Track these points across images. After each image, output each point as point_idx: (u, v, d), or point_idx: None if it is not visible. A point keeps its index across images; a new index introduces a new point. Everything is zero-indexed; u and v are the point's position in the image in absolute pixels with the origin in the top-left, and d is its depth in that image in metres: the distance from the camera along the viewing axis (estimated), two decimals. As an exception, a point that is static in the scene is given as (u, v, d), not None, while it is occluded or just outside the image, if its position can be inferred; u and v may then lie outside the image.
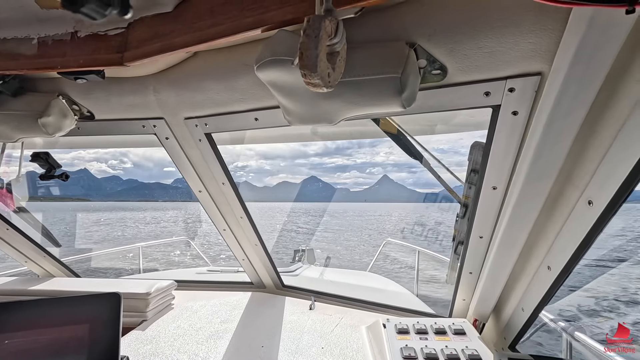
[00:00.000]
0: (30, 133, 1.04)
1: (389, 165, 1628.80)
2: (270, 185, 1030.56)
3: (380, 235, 30.34)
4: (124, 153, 47.84)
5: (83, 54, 0.92)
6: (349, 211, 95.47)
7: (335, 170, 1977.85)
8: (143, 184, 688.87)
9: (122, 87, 1.04)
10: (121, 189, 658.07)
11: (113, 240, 25.97)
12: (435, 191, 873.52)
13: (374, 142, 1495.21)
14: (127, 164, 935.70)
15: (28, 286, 1.70)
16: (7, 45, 0.94)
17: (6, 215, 1.60)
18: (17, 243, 1.75)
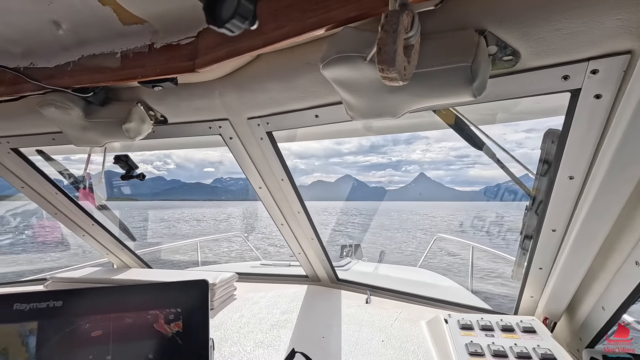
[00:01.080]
0: (115, 138, 1.17)
1: (425, 162, 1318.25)
2: (305, 185, 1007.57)
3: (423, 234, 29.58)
4: (168, 155, 50.75)
5: (159, 64, 1.00)
6: (386, 210, 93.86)
7: (369, 169, 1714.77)
8: (185, 184, 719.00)
9: (191, 92, 1.12)
10: (165, 188, 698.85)
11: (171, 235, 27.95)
12: (475, 189, 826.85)
13: (409, 139, 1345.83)
14: (171, 165, 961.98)
15: (112, 275, 1.90)
16: (95, 61, 1.05)
17: (92, 212, 1.80)
18: (101, 237, 1.95)
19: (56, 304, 0.67)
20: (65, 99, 1.09)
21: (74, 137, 1.20)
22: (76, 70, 1.06)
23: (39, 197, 1.67)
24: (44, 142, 1.38)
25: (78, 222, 1.84)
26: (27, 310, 0.66)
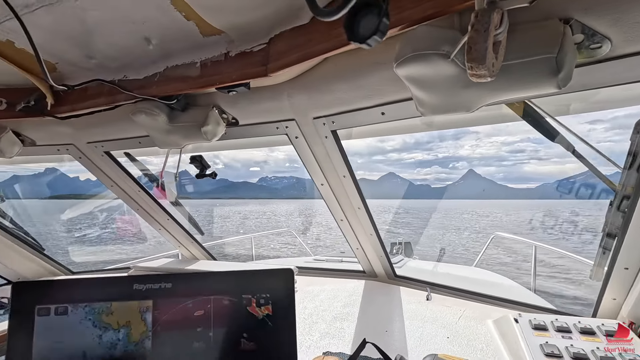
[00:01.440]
0: (194, 140, 1.28)
1: (475, 158, 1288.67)
2: None
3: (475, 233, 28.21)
4: (216, 155, 53.99)
5: (235, 70, 1.08)
6: (433, 208, 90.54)
7: (414, 166, 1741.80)
8: (233, 183, 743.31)
9: (261, 95, 1.19)
10: (214, 187, 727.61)
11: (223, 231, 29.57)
12: (530, 186, 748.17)
13: (457, 135, 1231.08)
14: (219, 164, 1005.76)
15: (185, 266, 2.08)
16: (178, 71, 1.16)
17: (167, 207, 1.98)
18: (174, 230, 2.14)
19: (167, 286, 0.77)
20: (153, 106, 1.21)
21: (158, 140, 1.34)
22: (162, 81, 1.18)
23: (124, 195, 1.88)
24: (131, 145, 1.55)
25: (155, 217, 2.03)
26: (144, 289, 0.77)
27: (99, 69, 1.25)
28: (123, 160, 1.78)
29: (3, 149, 1.45)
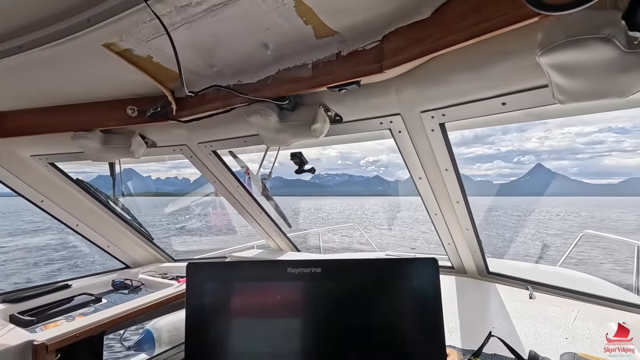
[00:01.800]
0: (302, 137, 1.36)
1: (544, 152, 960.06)
2: (402, 179, 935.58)
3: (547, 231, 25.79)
4: (272, 154, 56.86)
5: (347, 69, 1.12)
6: (496, 205, 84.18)
7: (474, 161, 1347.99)
8: (286, 180, 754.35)
9: (369, 92, 1.23)
10: (269, 185, 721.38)
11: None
12: (612, 182, 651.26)
13: (522, 127, 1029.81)
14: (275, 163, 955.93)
15: (276, 256, 2.22)
16: (290, 73, 1.24)
17: (260, 201, 2.12)
18: (265, 223, 2.28)
19: (316, 270, 0.84)
20: (266, 107, 1.31)
21: (267, 139, 1.44)
22: (275, 83, 1.27)
23: (224, 190, 2.05)
24: (237, 144, 1.69)
25: (249, 210, 2.19)
26: (296, 273, 0.85)
27: (217, 76, 1.38)
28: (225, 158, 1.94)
29: (134, 151, 1.67)
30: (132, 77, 1.39)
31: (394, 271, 0.83)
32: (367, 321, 0.81)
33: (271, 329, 0.86)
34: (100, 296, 2.05)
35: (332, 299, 0.84)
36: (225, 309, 0.86)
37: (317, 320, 0.84)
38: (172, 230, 25.04)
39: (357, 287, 0.84)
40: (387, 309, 0.82)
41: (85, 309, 1.90)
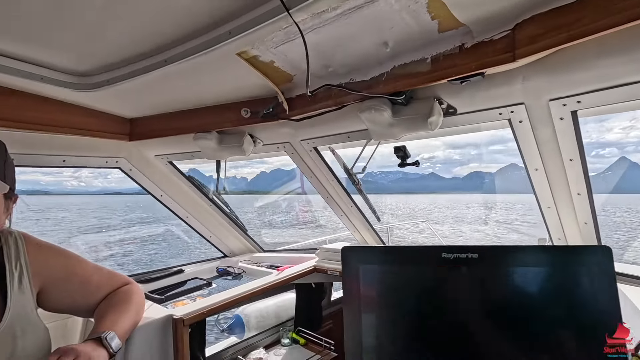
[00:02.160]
0: (414, 131, 1.39)
1: (629, 143, 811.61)
2: (460, 176, 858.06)
3: None
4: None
5: (473, 61, 1.12)
6: None
7: None
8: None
9: (491, 82, 1.21)
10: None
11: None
12: None
13: (601, 118, 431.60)
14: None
15: (366, 249, 2.27)
16: (407, 68, 1.26)
17: (352, 195, 2.19)
18: (354, 217, 2.35)
19: (473, 256, 0.87)
20: (380, 102, 1.36)
21: (376, 133, 1.49)
22: (390, 79, 1.31)
23: (319, 184, 2.15)
24: (339, 140, 1.77)
25: (341, 205, 2.27)
26: (452, 258, 0.88)
27: (330, 75, 1.45)
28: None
29: (245, 149, 1.83)
30: (249, 81, 1.53)
31: (563, 260, 0.82)
32: (530, 313, 0.82)
33: (425, 313, 0.90)
34: (210, 281, 2.28)
35: (490, 287, 0.86)
36: (380, 291, 0.93)
37: (473, 309, 0.86)
38: (260, 223, 27.28)
39: (520, 275, 0.85)
40: (556, 301, 0.81)
41: (201, 291, 2.13)
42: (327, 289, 3.09)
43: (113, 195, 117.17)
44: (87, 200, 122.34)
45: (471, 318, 0.87)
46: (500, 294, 0.85)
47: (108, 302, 1.27)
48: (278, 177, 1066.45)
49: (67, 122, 1.72)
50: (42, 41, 1.25)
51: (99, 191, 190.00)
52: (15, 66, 1.37)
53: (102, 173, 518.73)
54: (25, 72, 1.40)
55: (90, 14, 1.09)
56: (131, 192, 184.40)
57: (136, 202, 49.39)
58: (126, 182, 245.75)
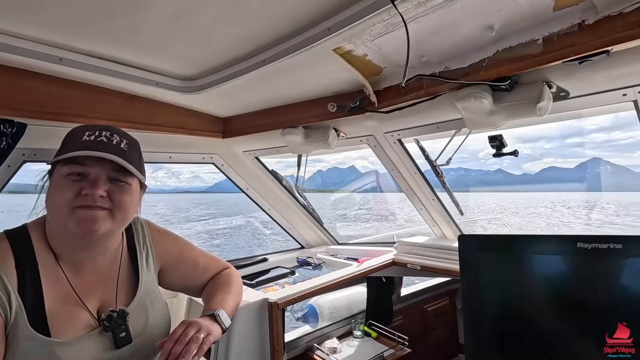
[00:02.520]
0: (518, 118, 1.32)
1: None
2: (531, 173, 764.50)
3: None
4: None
5: (595, 38, 1.02)
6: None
7: (633, 148, 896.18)
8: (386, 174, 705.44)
9: (616, 60, 1.09)
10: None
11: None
12: None
13: None
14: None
15: (449, 243, 2.21)
16: (513, 52, 1.19)
17: (435, 188, 2.14)
18: (433, 210, 2.29)
19: (616, 247, 0.81)
20: (480, 90, 1.30)
21: (472, 122, 1.44)
22: (492, 65, 1.25)
23: (400, 177, 2.14)
24: (427, 131, 1.74)
25: (421, 198, 2.23)
26: (589, 248, 0.84)
27: (423, 65, 1.43)
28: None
29: (330, 143, 1.88)
30: (338, 76, 1.56)
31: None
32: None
33: (558, 306, 0.87)
34: (294, 269, 2.39)
35: (638, 281, 0.80)
36: (504, 282, 0.91)
37: (615, 304, 0.81)
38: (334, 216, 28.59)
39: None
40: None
41: (287, 279, 2.24)
42: (396, 285, 3.08)
43: (184, 194, 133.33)
44: (162, 198, 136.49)
45: (611, 314, 0.80)
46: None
47: (214, 283, 1.40)
48: (333, 176, 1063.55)
49: (173, 122, 1.92)
50: (160, 51, 1.41)
51: (172, 190, 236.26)
52: (136, 74, 1.57)
53: (174, 173, 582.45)
54: (143, 78, 1.59)
55: (203, 24, 1.20)
56: (198, 190, 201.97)
57: (203, 199, 54.26)
58: (194, 181, 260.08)
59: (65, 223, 0.91)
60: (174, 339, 0.95)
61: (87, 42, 1.31)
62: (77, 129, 1.01)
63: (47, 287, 0.92)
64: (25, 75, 1.41)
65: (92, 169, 0.93)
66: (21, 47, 1.25)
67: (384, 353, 2.38)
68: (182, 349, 0.94)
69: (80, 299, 0.98)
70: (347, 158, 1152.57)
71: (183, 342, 0.95)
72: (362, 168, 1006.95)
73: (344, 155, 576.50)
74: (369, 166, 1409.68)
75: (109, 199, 0.95)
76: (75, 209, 0.90)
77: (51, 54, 1.33)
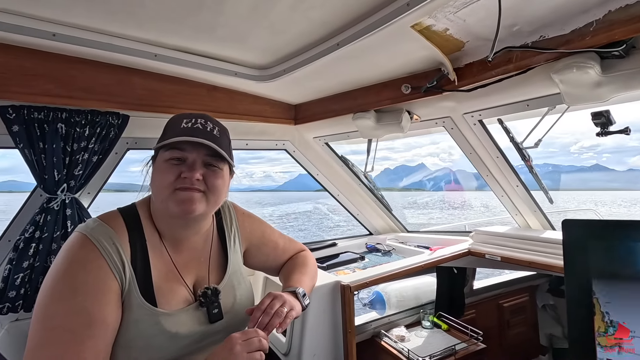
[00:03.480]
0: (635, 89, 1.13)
1: None
2: (638, 168, 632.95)
3: None
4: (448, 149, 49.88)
5: None
6: None
7: None
8: (469, 173, 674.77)
9: None
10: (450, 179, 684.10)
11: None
12: None
13: None
14: (455, 155, 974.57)
15: (531, 233, 2.02)
16: (631, 10, 1.02)
17: (520, 174, 1.96)
18: (517, 198, 2.11)
19: None
20: (585, 58, 1.14)
21: (572, 97, 1.27)
22: (601, 28, 1.08)
23: (479, 161, 1.99)
24: (514, 110, 1.59)
25: (502, 184, 2.06)
26: None
27: (513, 36, 1.30)
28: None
29: (403, 126, 1.83)
30: (413, 55, 1.49)
31: None
32: None
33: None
34: (363, 255, 2.40)
35: None
36: (622, 272, 0.81)
37: None
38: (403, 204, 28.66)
39: None
40: None
41: (357, 264, 2.26)
42: (469, 276, 2.91)
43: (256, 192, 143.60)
44: (237, 196, 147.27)
45: None
46: None
47: (292, 263, 1.45)
48: (402, 173, 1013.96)
49: (250, 111, 2.02)
50: (238, 42, 1.48)
51: (246, 188, 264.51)
52: (218, 65, 1.67)
53: (248, 173, 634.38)
54: (224, 69, 1.69)
55: (279, 12, 1.23)
56: (269, 189, 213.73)
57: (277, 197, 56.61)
58: (266, 180, 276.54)
59: (167, 203, 0.99)
60: (262, 308, 1.02)
61: (176, 38, 1.43)
62: (176, 117, 1.10)
63: (153, 262, 1.02)
64: (128, 72, 1.59)
65: (189, 154, 1.01)
66: (124, 46, 1.41)
67: (455, 346, 2.29)
68: (268, 320, 1.00)
69: (180, 274, 1.08)
70: (416, 155, 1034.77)
71: (269, 314, 1.00)
72: (432, 165, 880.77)
73: (413, 153, 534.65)
74: (440, 164, 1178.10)
75: (204, 183, 1.02)
76: (176, 191, 0.99)
77: (147, 50, 1.48)
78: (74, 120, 1.50)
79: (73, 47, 1.33)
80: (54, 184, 1.49)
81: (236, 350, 0.86)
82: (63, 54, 1.42)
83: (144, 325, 0.93)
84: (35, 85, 1.38)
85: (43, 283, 0.88)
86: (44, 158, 1.47)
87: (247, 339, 0.89)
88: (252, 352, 0.88)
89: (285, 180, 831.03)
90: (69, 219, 1.53)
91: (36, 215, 1.49)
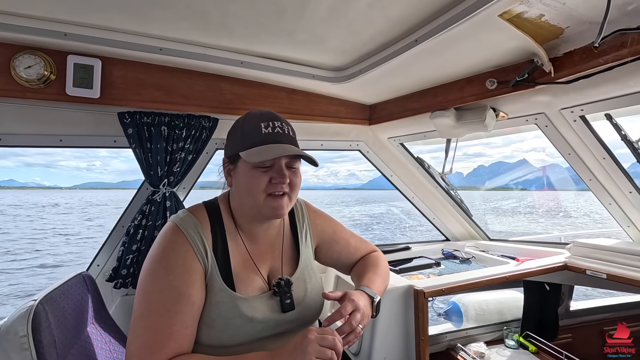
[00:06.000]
0: None
1: None
2: None
3: None
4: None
5: None
6: None
7: None
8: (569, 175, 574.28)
9: None
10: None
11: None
12: None
13: None
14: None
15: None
16: None
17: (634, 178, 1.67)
18: (629, 206, 1.80)
19: None
20: None
21: None
22: None
23: (580, 163, 1.75)
24: (627, 103, 1.37)
25: (610, 190, 1.78)
26: None
27: (626, 16, 1.12)
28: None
29: (488, 124, 1.69)
30: (500, 47, 1.38)
31: None
32: None
33: None
34: (439, 261, 2.28)
35: None
36: None
37: None
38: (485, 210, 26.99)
39: None
40: None
41: (432, 269, 2.16)
42: (564, 295, 2.56)
43: (342, 190, 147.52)
44: (322, 194, 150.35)
45: None
46: None
47: (364, 263, 1.44)
48: (498, 171, 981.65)
49: (326, 112, 2.07)
50: (316, 45, 1.53)
51: (331, 186, 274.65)
52: (296, 69, 1.75)
53: (333, 172, 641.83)
54: (302, 72, 1.77)
55: (356, 12, 1.24)
56: (354, 187, 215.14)
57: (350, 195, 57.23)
58: (350, 179, 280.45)
59: (260, 208, 1.06)
60: (343, 315, 1.01)
61: (260, 45, 1.54)
62: (249, 118, 1.13)
63: (231, 251, 1.11)
64: (218, 79, 1.77)
65: (277, 161, 1.06)
66: (215, 55, 1.57)
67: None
68: (348, 331, 0.99)
69: (255, 264, 1.16)
70: (516, 151, 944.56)
71: (351, 326, 0.99)
72: (537, 162, 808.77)
73: (512, 149, 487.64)
74: (547, 159, 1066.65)
75: (288, 184, 1.08)
76: (269, 197, 1.05)
77: (235, 59, 1.62)
78: (174, 123, 1.71)
79: (174, 59, 1.53)
80: (157, 179, 1.72)
81: (310, 337, 0.89)
82: (167, 65, 1.64)
83: (224, 307, 1.02)
84: (145, 93, 1.62)
85: (143, 264, 1.03)
86: (151, 156, 1.70)
87: (323, 335, 0.91)
88: (323, 347, 0.89)
89: (369, 178, 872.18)
90: (168, 210, 1.76)
91: (143, 206, 1.74)
